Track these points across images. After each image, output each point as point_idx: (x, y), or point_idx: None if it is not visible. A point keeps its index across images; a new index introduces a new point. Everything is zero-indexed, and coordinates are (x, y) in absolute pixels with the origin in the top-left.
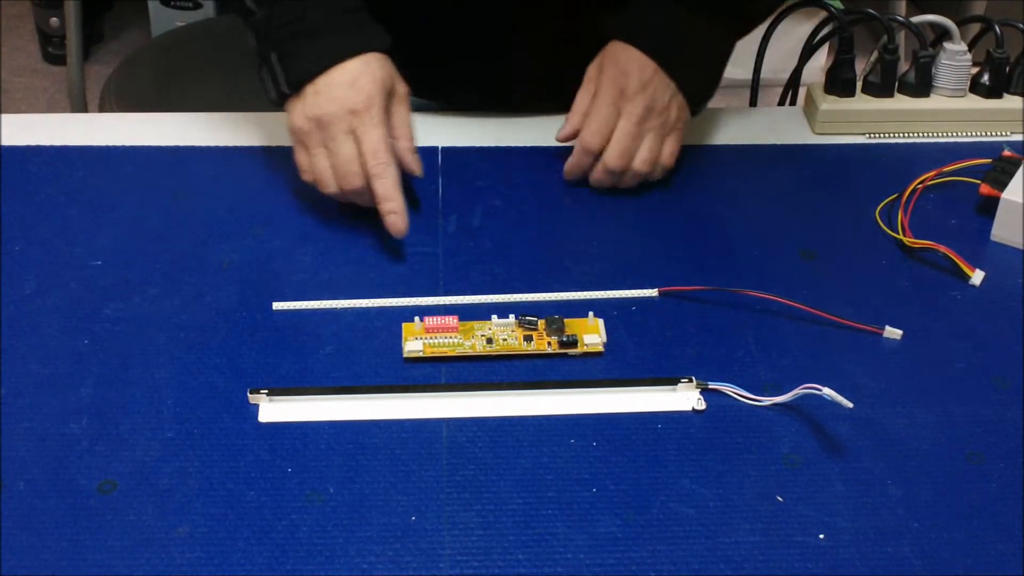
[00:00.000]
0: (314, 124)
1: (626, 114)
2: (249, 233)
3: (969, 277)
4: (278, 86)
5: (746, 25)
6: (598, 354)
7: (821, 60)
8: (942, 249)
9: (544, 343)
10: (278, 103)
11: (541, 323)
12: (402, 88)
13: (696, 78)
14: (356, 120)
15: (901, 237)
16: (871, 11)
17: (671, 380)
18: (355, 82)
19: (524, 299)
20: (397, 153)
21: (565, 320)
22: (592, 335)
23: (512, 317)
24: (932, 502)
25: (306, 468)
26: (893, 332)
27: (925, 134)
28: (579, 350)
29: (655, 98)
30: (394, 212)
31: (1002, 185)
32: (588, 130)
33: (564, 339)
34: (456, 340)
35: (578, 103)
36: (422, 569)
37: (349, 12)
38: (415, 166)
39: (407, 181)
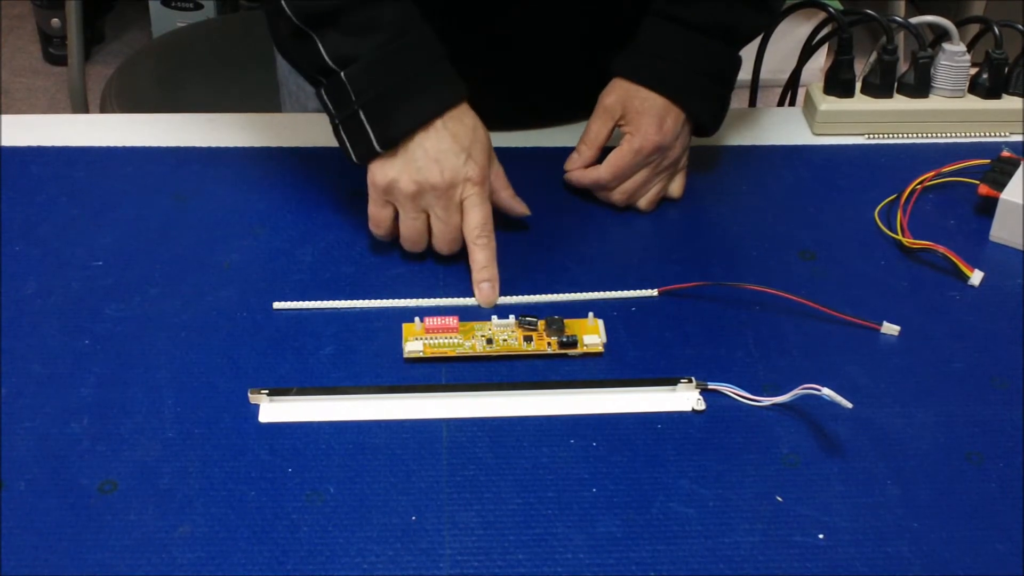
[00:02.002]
0: (425, 189)
1: (643, 162)
2: (249, 233)
3: (968, 277)
4: (367, 145)
5: (748, 39)
6: (598, 354)
7: (820, 61)
8: (941, 249)
9: (544, 343)
10: (362, 164)
11: (541, 323)
12: (490, 140)
13: (708, 105)
14: (470, 191)
15: (900, 237)
16: (870, 12)
17: (671, 380)
18: (471, 150)
19: (524, 300)
20: (503, 203)
21: (565, 320)
22: (592, 335)
23: (512, 317)
24: (931, 502)
25: (306, 468)
26: (891, 328)
27: (924, 135)
28: (579, 350)
29: (666, 137)
30: (488, 281)
31: (1001, 185)
32: (606, 170)
33: (564, 339)
34: (456, 340)
35: (592, 136)
36: (422, 569)
37: (435, 63)
38: (522, 208)
39: None
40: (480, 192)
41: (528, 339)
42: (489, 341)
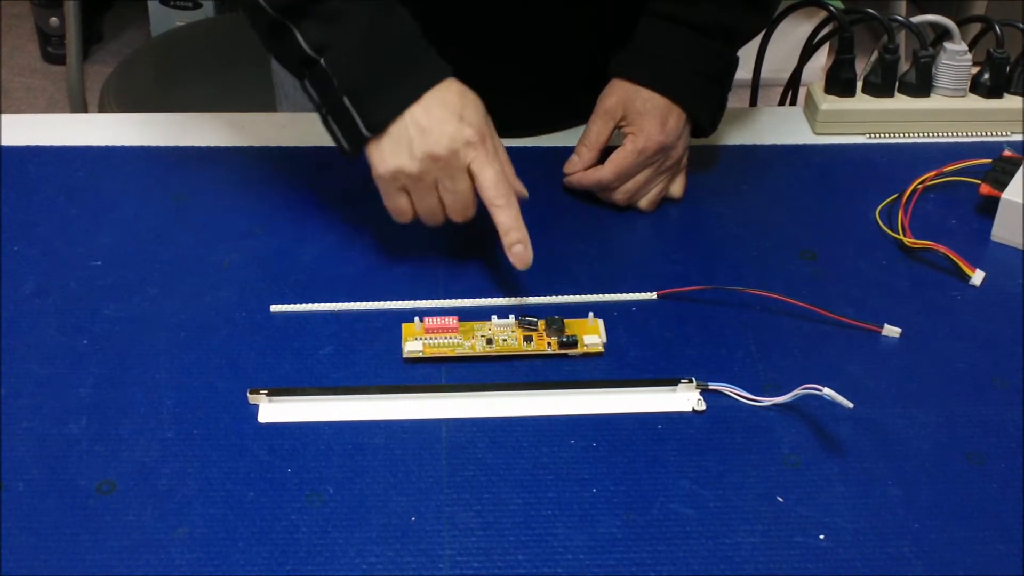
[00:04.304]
0: (428, 163)
1: (646, 162)
2: (249, 233)
3: (969, 277)
4: (355, 131)
5: (746, 40)
6: (598, 354)
7: (821, 60)
8: (942, 249)
9: (544, 343)
10: (354, 151)
11: (541, 323)
12: (482, 105)
13: (707, 106)
14: (473, 153)
15: (901, 237)
16: (871, 11)
17: (671, 381)
18: (463, 114)
19: (524, 300)
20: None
21: (565, 320)
22: (592, 335)
23: (512, 317)
24: (932, 502)
25: (306, 469)
26: (892, 330)
27: (925, 134)
28: (579, 351)
29: (669, 136)
30: (520, 243)
31: (1002, 185)
32: (608, 171)
33: (564, 339)
34: (456, 340)
35: (593, 137)
36: (422, 569)
37: (416, 44)
38: (522, 189)
39: None
40: (484, 152)
41: (528, 339)
42: (489, 341)
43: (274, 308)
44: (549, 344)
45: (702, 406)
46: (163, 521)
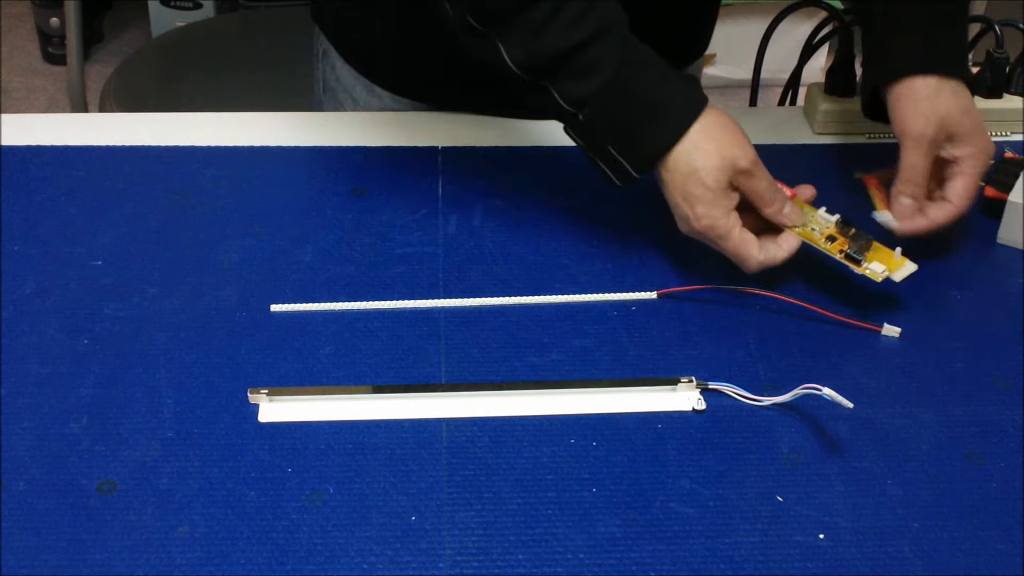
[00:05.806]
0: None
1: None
2: (249, 233)
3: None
4: (624, 173)
5: None
6: (875, 283)
7: (821, 60)
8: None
9: (837, 248)
10: (626, 183)
11: (852, 230)
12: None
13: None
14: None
15: None
16: None
17: (671, 380)
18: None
19: (524, 300)
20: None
21: (875, 243)
22: (881, 265)
23: (838, 217)
24: (932, 502)
25: (306, 468)
26: (892, 330)
27: None
28: (861, 269)
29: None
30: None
31: (1005, 187)
32: (965, 203)
33: (851, 252)
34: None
35: (915, 174)
36: (422, 569)
37: (666, 78)
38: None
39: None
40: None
41: (832, 239)
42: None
43: (274, 308)
44: (841, 251)
45: (702, 405)
46: (163, 520)
